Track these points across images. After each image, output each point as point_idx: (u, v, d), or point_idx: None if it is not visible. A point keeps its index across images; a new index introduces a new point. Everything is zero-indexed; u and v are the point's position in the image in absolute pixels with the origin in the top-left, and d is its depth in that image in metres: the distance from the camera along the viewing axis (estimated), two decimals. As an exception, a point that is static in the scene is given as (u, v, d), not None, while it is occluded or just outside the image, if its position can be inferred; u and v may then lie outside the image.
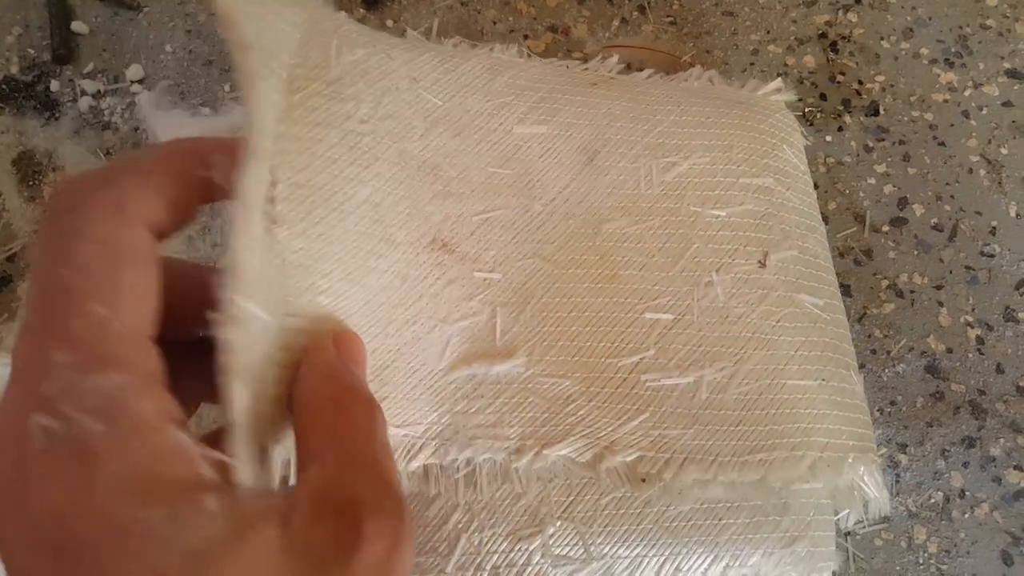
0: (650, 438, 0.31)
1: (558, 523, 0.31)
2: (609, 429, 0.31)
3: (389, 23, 0.48)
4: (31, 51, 0.47)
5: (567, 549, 0.31)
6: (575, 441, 0.31)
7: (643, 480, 0.30)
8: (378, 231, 0.30)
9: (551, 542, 0.31)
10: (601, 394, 0.31)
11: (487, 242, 0.33)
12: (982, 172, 0.45)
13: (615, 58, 0.41)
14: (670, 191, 0.35)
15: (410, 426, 0.30)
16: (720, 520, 0.31)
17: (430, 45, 0.37)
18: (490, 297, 0.32)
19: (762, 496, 0.31)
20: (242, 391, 0.19)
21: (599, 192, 0.35)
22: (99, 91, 0.45)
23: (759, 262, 0.34)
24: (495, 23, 0.48)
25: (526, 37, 0.48)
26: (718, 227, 0.34)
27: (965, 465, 0.39)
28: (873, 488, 0.32)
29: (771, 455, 0.31)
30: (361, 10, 0.48)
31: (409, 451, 0.30)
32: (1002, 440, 0.39)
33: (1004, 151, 0.46)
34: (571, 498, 0.31)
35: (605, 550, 0.31)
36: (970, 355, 0.41)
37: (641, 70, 0.41)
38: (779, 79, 0.40)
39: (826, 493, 0.32)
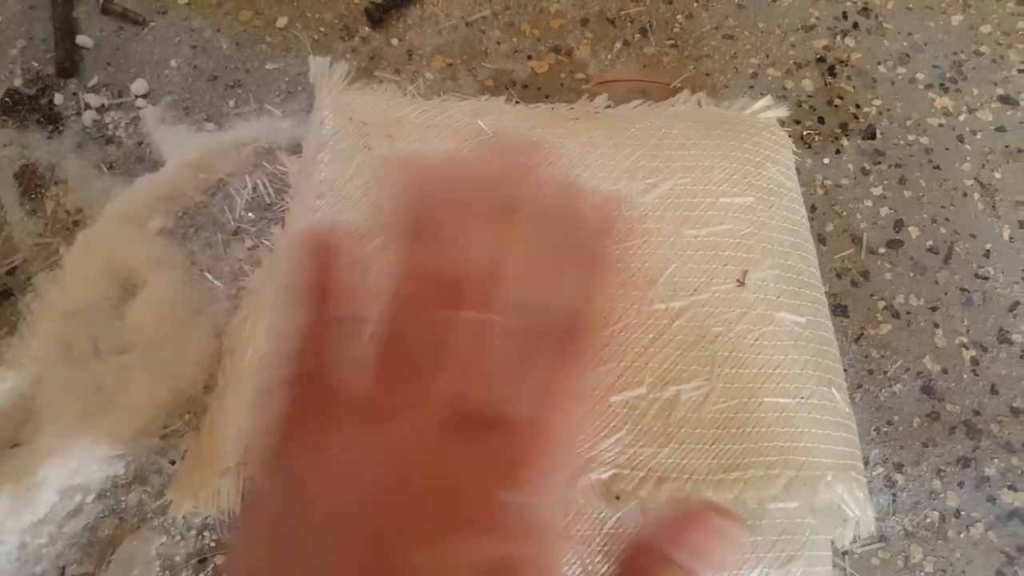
0: (626, 456, 0.31)
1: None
2: (585, 447, 0.31)
3: (394, 42, 0.48)
4: (35, 64, 0.47)
5: (565, 568, 0.31)
6: None
7: (617, 497, 0.31)
8: None
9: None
10: (578, 412, 0.32)
11: None
12: (976, 196, 0.46)
13: (603, 96, 0.41)
14: (650, 212, 0.36)
15: None
16: (720, 539, 0.31)
17: (417, 102, 0.38)
18: None
19: (756, 516, 0.31)
20: None
21: None
22: (103, 105, 0.46)
23: (738, 281, 0.34)
24: (499, 43, 0.49)
25: (529, 58, 0.48)
26: (697, 247, 0.35)
27: (960, 485, 0.39)
28: (854, 507, 0.32)
29: (746, 473, 0.31)
30: (366, 28, 0.49)
31: None
32: (996, 460, 0.40)
33: (997, 175, 0.46)
34: (569, 518, 0.31)
35: (603, 569, 0.31)
36: (965, 376, 0.42)
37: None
38: (768, 96, 0.40)
39: (806, 511, 0.32)
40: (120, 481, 0.36)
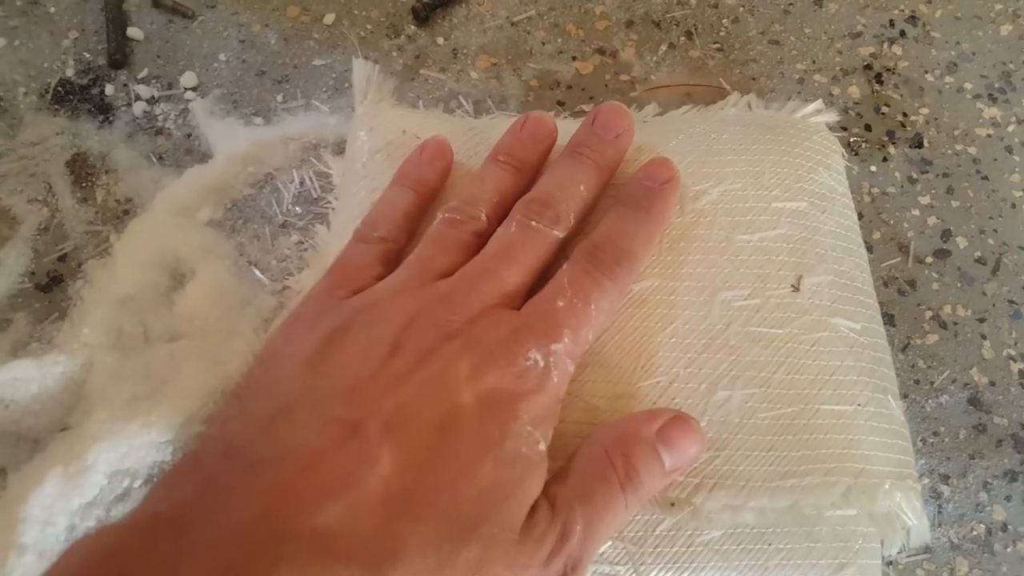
0: None
1: (608, 543, 0.31)
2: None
3: (440, 40, 0.49)
4: (87, 55, 0.47)
5: (617, 569, 0.31)
6: None
7: (672, 504, 0.30)
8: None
9: (601, 560, 0.31)
10: None
11: None
12: (1025, 207, 0.45)
13: (652, 105, 0.41)
14: (701, 218, 0.35)
15: None
16: (771, 545, 0.31)
17: (467, 120, 0.39)
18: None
19: (810, 521, 0.31)
20: None
21: None
22: (153, 96, 0.46)
23: (792, 286, 0.34)
24: (544, 44, 0.49)
25: (574, 58, 0.48)
26: (750, 252, 0.34)
27: (1007, 499, 0.39)
28: (911, 516, 0.31)
29: (803, 480, 0.30)
30: (412, 27, 0.49)
31: None
32: (1043, 475, 0.39)
33: (1046, 187, 0.46)
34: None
35: (654, 572, 0.31)
36: (1012, 389, 0.41)
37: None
38: (819, 100, 0.40)
39: (863, 519, 0.31)
40: (166, 467, 0.36)
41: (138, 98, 0.46)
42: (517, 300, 0.31)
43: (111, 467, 0.36)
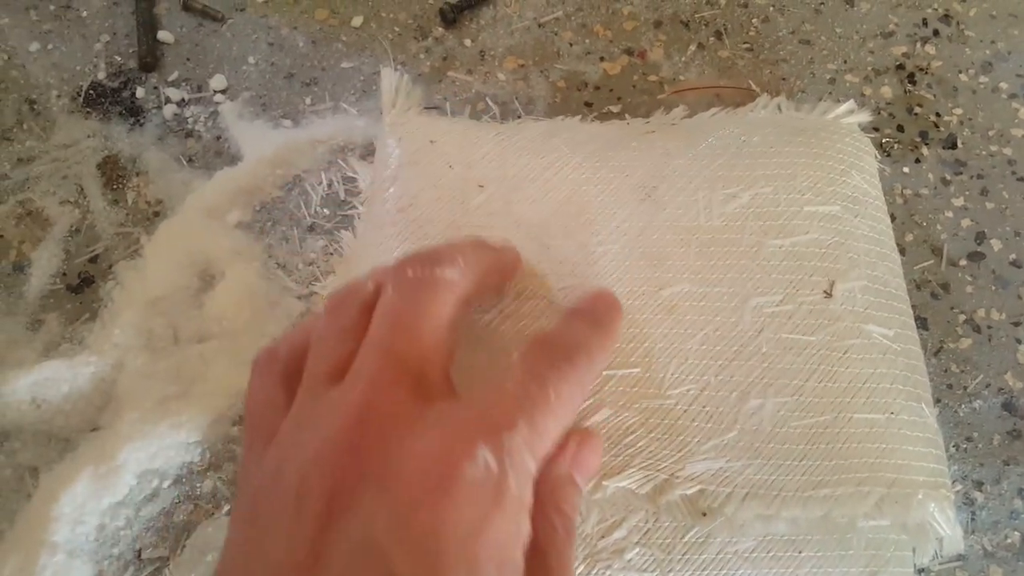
0: (711, 471, 0.30)
1: (636, 550, 0.30)
2: (669, 461, 0.31)
3: (467, 42, 0.49)
4: (118, 58, 0.48)
5: (645, 574, 0.30)
6: (635, 473, 0.30)
7: (704, 514, 0.30)
8: None
9: (629, 567, 0.30)
10: (661, 426, 0.31)
11: (542, 278, 0.33)
12: (1062, 209, 0.45)
13: (680, 107, 0.41)
14: (731, 222, 0.35)
15: None
16: (801, 552, 0.30)
17: (492, 125, 0.39)
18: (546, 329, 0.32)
19: (842, 530, 0.30)
20: None
21: (657, 226, 0.35)
22: (183, 99, 0.46)
23: (825, 292, 0.33)
24: (571, 45, 0.49)
25: (602, 59, 0.48)
26: (781, 257, 0.34)
27: (1043, 507, 0.38)
28: (945, 526, 0.31)
29: (836, 491, 0.30)
30: (440, 28, 0.49)
31: None
32: (1080, 483, 0.39)
33: (1084, 189, 0.45)
34: (650, 525, 0.31)
35: (684, 577, 0.30)
36: (1049, 395, 0.40)
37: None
38: (851, 101, 0.40)
39: (897, 528, 0.31)
40: (196, 467, 0.37)
41: (168, 101, 0.46)
42: (429, 380, 0.25)
43: (141, 467, 0.36)
